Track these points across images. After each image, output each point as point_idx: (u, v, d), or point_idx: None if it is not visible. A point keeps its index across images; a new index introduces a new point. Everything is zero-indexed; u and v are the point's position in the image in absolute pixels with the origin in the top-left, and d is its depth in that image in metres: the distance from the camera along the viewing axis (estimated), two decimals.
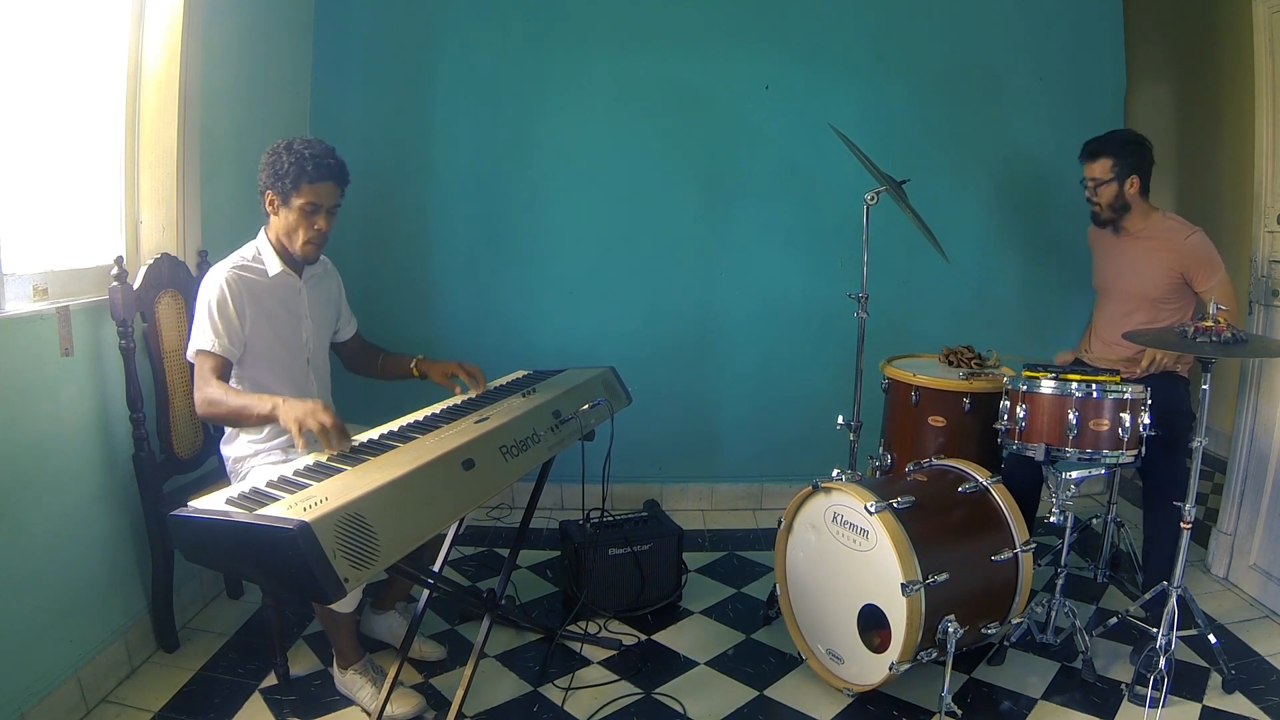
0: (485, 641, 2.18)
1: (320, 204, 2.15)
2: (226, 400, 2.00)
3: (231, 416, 2.03)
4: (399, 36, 3.42)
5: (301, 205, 2.13)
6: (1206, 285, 2.54)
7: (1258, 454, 2.84)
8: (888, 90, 3.50)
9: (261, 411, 1.94)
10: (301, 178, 2.10)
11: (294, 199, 2.12)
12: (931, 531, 2.17)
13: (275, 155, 2.12)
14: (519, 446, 1.94)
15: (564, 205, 3.50)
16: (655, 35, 3.43)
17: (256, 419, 1.97)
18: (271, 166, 2.12)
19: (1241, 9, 2.93)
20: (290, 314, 2.25)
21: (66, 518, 2.12)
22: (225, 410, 2.00)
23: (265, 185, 2.14)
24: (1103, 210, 2.68)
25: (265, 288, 2.17)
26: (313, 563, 1.34)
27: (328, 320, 2.41)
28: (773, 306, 3.57)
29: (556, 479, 2.48)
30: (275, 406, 1.91)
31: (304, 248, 2.19)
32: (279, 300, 2.21)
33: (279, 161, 2.10)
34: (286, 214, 2.15)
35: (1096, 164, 2.66)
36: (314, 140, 2.16)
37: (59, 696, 2.05)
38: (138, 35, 2.45)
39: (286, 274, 2.22)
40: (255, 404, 1.96)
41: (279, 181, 2.11)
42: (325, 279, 2.39)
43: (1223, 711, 2.21)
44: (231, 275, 2.11)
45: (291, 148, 2.11)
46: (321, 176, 2.12)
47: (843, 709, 2.25)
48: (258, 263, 2.19)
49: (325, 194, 2.15)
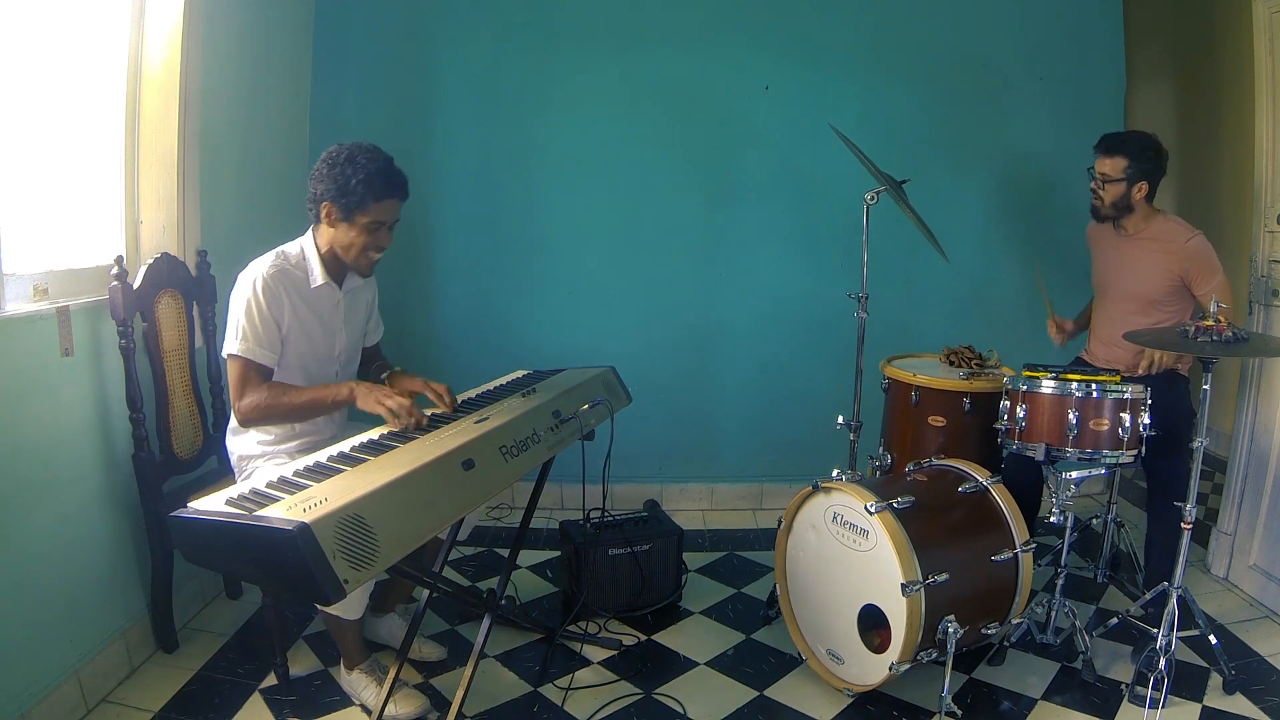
0: (485, 641, 2.18)
1: (386, 221, 2.11)
2: (285, 399, 2.02)
3: (298, 412, 2.06)
4: (399, 36, 3.42)
5: (367, 223, 2.07)
6: (1205, 288, 2.54)
7: (1258, 454, 2.84)
8: (888, 90, 3.50)
9: (338, 398, 2.04)
10: (369, 197, 2.04)
11: (359, 216, 2.06)
12: (931, 531, 2.17)
13: (338, 168, 2.03)
14: (519, 446, 1.94)
15: (564, 205, 3.50)
16: (655, 35, 3.43)
17: (332, 405, 2.06)
18: (335, 180, 2.03)
19: (1241, 9, 2.93)
20: (325, 326, 2.19)
21: (66, 518, 2.12)
22: (285, 409, 2.03)
23: (324, 196, 2.06)
24: (1104, 206, 2.67)
25: (303, 295, 2.11)
26: (312, 564, 1.33)
27: (360, 331, 2.36)
28: (773, 306, 3.57)
29: (556, 479, 2.48)
30: (353, 390, 2.03)
31: (361, 261, 2.14)
32: (315, 311, 2.15)
33: (344, 176, 2.02)
34: (347, 229, 2.08)
35: (1111, 161, 2.62)
36: (374, 150, 2.07)
37: (59, 696, 2.05)
38: (138, 35, 2.45)
39: (329, 287, 2.16)
40: (327, 392, 2.05)
41: (344, 197, 2.04)
42: (364, 290, 2.33)
43: (1223, 712, 2.21)
44: (272, 276, 2.04)
45: (355, 161, 2.02)
46: (391, 193, 2.08)
47: (843, 709, 2.25)
48: (300, 269, 2.12)
49: (391, 210, 2.11)
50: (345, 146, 2.06)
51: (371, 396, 1.99)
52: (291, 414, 2.06)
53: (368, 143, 2.09)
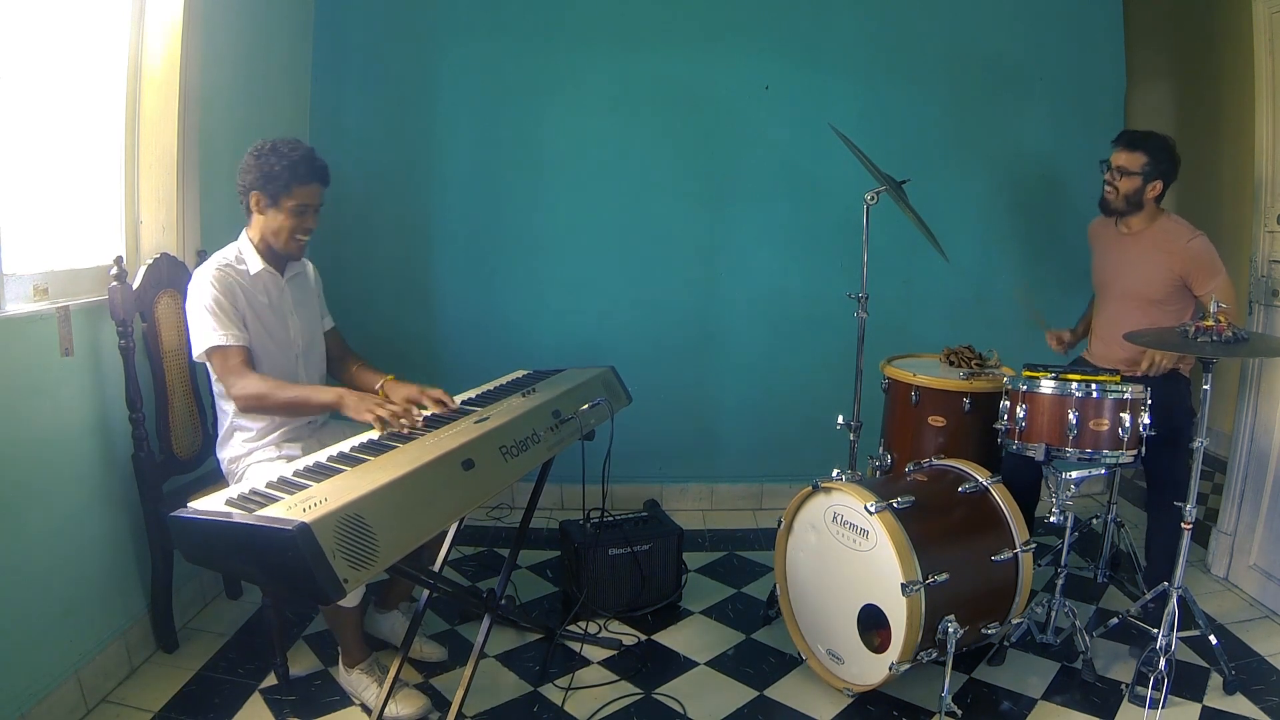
0: (485, 641, 2.18)
1: (310, 204, 2.22)
2: (277, 393, 2.06)
3: (287, 407, 2.11)
4: (399, 36, 3.42)
5: (292, 206, 2.18)
6: (1205, 289, 2.53)
7: (1258, 454, 2.84)
8: (888, 90, 3.50)
9: (325, 401, 2.06)
10: (294, 180, 2.16)
11: (285, 200, 2.17)
12: (931, 531, 2.17)
13: (262, 157, 2.14)
14: (519, 446, 1.94)
15: (564, 205, 3.50)
16: (656, 35, 3.43)
17: (317, 408, 2.10)
18: (259, 168, 2.14)
19: (1241, 9, 2.93)
20: (276, 311, 2.27)
21: (66, 518, 2.12)
22: (276, 402, 2.07)
23: (250, 186, 2.17)
24: (1116, 199, 2.65)
25: (250, 287, 2.20)
26: (312, 563, 1.33)
27: (313, 315, 2.42)
28: (773, 306, 3.57)
29: (556, 479, 2.48)
30: (342, 397, 2.03)
31: (291, 244, 2.23)
32: (264, 299, 2.24)
33: (268, 164, 2.13)
34: (275, 214, 2.19)
35: (1130, 155, 2.61)
36: (294, 141, 2.19)
37: (59, 696, 2.05)
38: (138, 36, 2.45)
39: (269, 272, 2.25)
40: (315, 394, 2.09)
41: (269, 183, 2.15)
42: (304, 276, 2.42)
43: (1223, 712, 2.21)
44: (219, 272, 2.14)
45: (278, 150, 2.14)
46: (312, 178, 2.20)
47: (843, 709, 2.25)
48: (240, 263, 2.22)
49: (314, 194, 2.23)
50: (269, 140, 2.18)
51: (362, 405, 1.99)
52: (281, 408, 2.13)
53: (290, 137, 2.22)
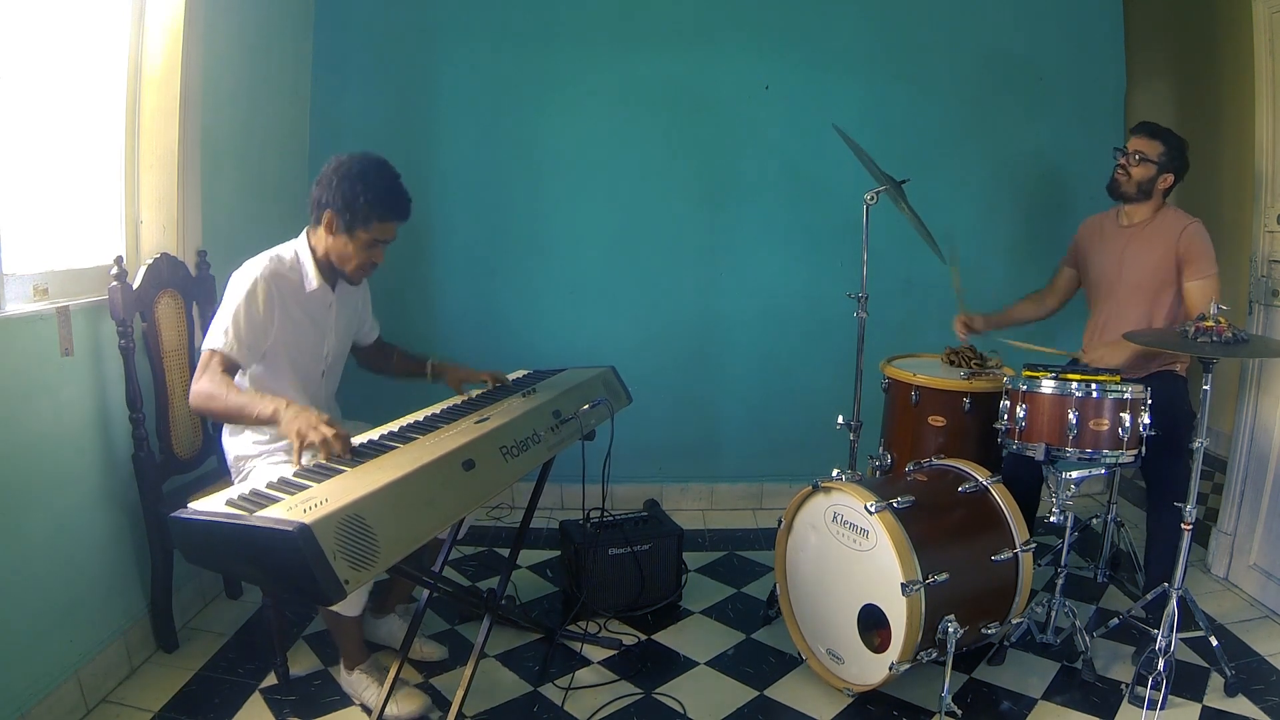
0: (485, 641, 2.18)
1: (384, 240, 2.15)
2: (224, 396, 1.92)
3: (227, 413, 1.97)
4: (399, 36, 3.42)
5: (366, 240, 2.11)
6: (1193, 278, 2.53)
7: (1258, 454, 2.84)
8: (888, 90, 3.50)
9: (262, 413, 1.88)
10: (373, 217, 2.08)
11: (360, 233, 2.09)
12: (931, 531, 2.17)
13: (348, 181, 2.04)
14: (519, 447, 1.93)
15: (565, 205, 3.50)
16: (656, 35, 3.43)
17: (254, 420, 1.92)
18: (343, 193, 2.05)
19: (1241, 9, 2.93)
20: (316, 327, 2.22)
21: (66, 518, 2.12)
22: (220, 406, 1.93)
23: (328, 204, 2.07)
24: (1127, 183, 2.65)
25: (297, 298, 2.14)
26: (313, 564, 1.33)
27: (351, 332, 2.39)
28: (773, 306, 3.57)
29: (556, 479, 2.48)
30: (277, 411, 1.86)
31: (356, 273, 2.18)
32: (308, 312, 2.18)
33: (352, 191, 2.04)
34: (346, 240, 2.11)
35: (1150, 143, 2.62)
36: (384, 167, 2.10)
37: (59, 696, 2.05)
38: (138, 35, 2.45)
39: (323, 289, 2.19)
40: (256, 404, 1.90)
41: (348, 211, 2.06)
42: (355, 292, 2.34)
43: (1223, 712, 2.21)
44: (267, 279, 2.05)
45: (366, 178, 2.04)
46: (393, 217, 2.11)
47: (843, 709, 2.25)
48: (294, 272, 2.14)
49: (391, 231, 2.15)
50: (357, 159, 2.08)
51: (294, 424, 1.80)
52: (223, 414, 1.99)
53: (378, 157, 2.11)
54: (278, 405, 1.88)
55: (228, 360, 2.00)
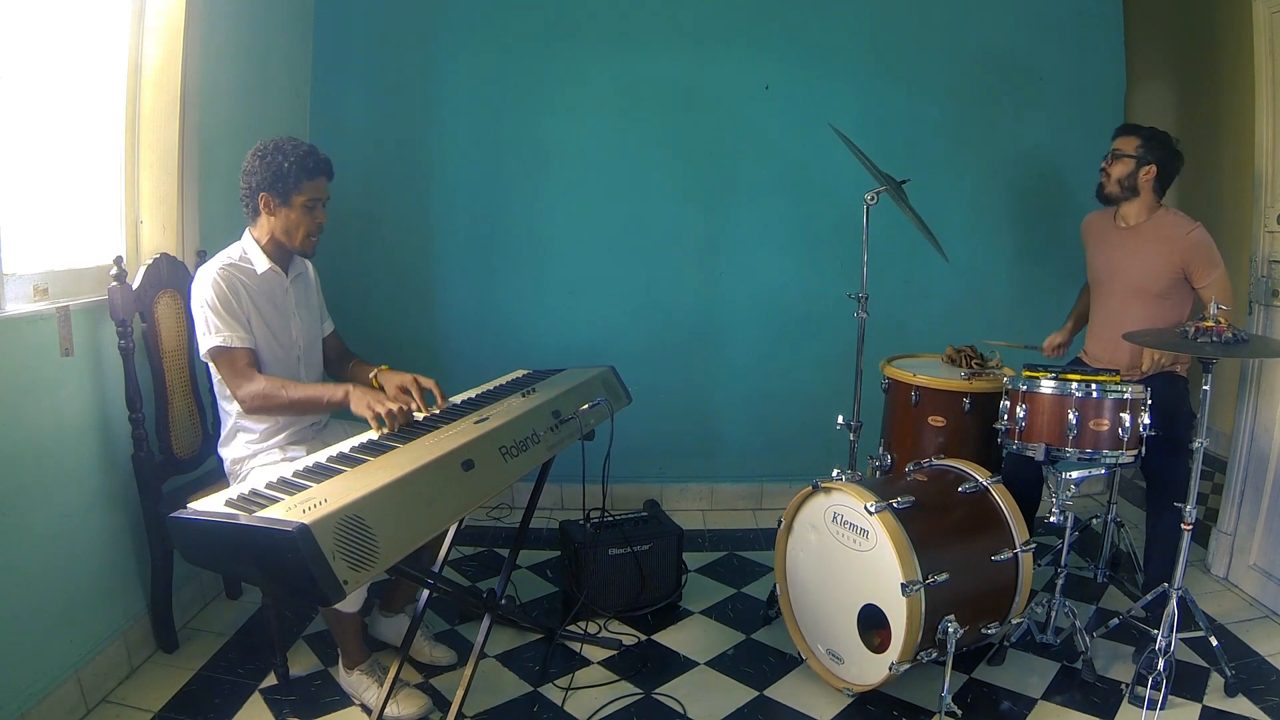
0: (485, 641, 2.18)
1: (319, 198, 2.23)
2: (285, 393, 2.09)
3: (295, 406, 2.13)
4: (399, 36, 3.41)
5: (304, 202, 2.19)
6: (1205, 281, 2.54)
7: (1258, 454, 2.83)
8: (888, 90, 3.50)
9: (334, 399, 2.07)
10: (303, 176, 2.17)
11: (295, 197, 2.18)
12: (931, 531, 2.17)
13: (268, 157, 2.15)
14: (519, 447, 1.94)
15: (564, 205, 3.50)
16: (656, 35, 3.43)
17: (326, 406, 2.10)
18: (267, 168, 2.15)
19: (1241, 9, 2.93)
20: (280, 312, 2.27)
21: (66, 518, 2.12)
22: (285, 401, 2.09)
23: (258, 187, 2.17)
24: (1108, 183, 2.66)
25: (255, 287, 2.20)
26: (312, 565, 1.33)
27: (314, 317, 2.43)
28: (773, 306, 3.57)
29: (556, 479, 2.48)
30: (349, 393, 2.05)
31: (307, 241, 2.25)
32: (268, 298, 2.24)
33: (276, 163, 2.14)
34: (288, 213, 2.20)
35: (1125, 138, 2.65)
36: (295, 139, 2.21)
37: (59, 696, 2.05)
38: (138, 35, 2.45)
39: (274, 272, 2.25)
40: (325, 392, 2.09)
41: (278, 182, 2.15)
42: (305, 277, 2.42)
43: (1223, 712, 2.21)
44: (224, 271, 2.14)
45: (282, 148, 2.15)
46: (319, 172, 2.21)
47: (843, 709, 2.25)
48: (245, 262, 2.22)
49: (322, 188, 2.24)
50: (269, 140, 2.19)
51: (364, 401, 2.01)
52: (290, 408, 2.14)
53: (289, 136, 2.23)
54: (347, 388, 2.07)
55: (245, 352, 2.12)
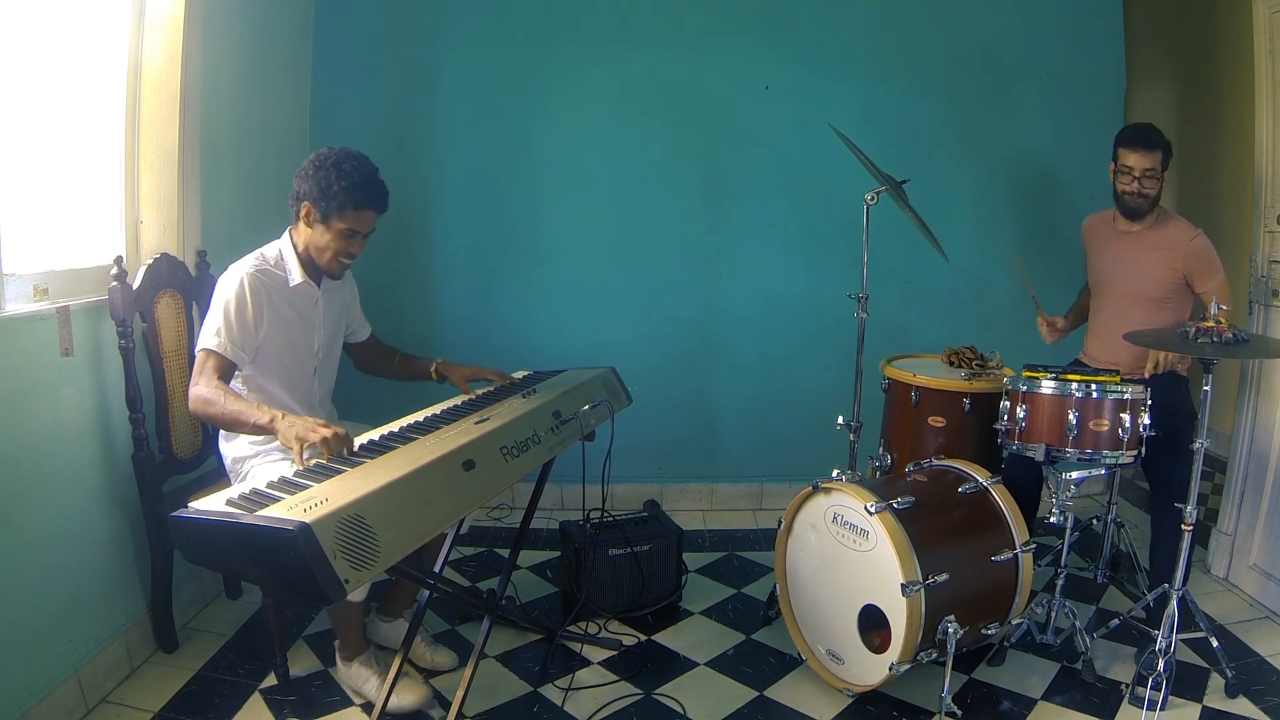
0: (485, 642, 2.18)
1: (360, 230, 2.15)
2: (222, 402, 1.93)
3: (224, 420, 1.96)
4: (399, 36, 3.41)
5: (342, 229, 2.11)
6: (1206, 286, 2.55)
7: (1258, 454, 2.84)
8: (888, 90, 3.50)
9: (259, 422, 1.88)
10: (348, 204, 2.08)
11: (335, 221, 2.10)
12: (931, 532, 2.17)
13: (323, 171, 2.06)
14: (519, 447, 1.94)
15: (564, 205, 3.50)
16: (655, 35, 3.43)
17: (251, 428, 1.91)
18: (318, 181, 2.06)
19: (1241, 9, 2.93)
20: (304, 323, 2.23)
21: (66, 518, 2.11)
22: (219, 412, 1.93)
23: (305, 195, 2.09)
24: (1147, 202, 2.61)
25: (283, 295, 2.15)
26: (313, 564, 1.33)
27: (340, 329, 2.40)
28: (773, 306, 3.57)
29: (556, 479, 2.48)
30: (274, 420, 1.85)
31: (333, 265, 2.18)
32: (295, 308, 2.19)
33: (327, 179, 2.05)
34: (323, 231, 2.12)
35: (1152, 155, 2.58)
36: (361, 159, 2.11)
37: (59, 696, 2.04)
38: (138, 35, 2.44)
39: (307, 284, 2.20)
40: (253, 413, 1.89)
41: (324, 200, 2.07)
42: (341, 287, 2.36)
43: (1224, 712, 2.21)
44: (253, 277, 2.08)
45: (341, 167, 2.06)
46: (369, 205, 2.11)
47: (843, 709, 2.25)
48: (279, 269, 2.16)
49: (367, 221, 2.15)
50: (335, 151, 2.10)
51: (293, 431, 1.80)
52: (221, 419, 1.97)
53: (357, 151, 2.13)
54: (274, 414, 1.87)
55: (223, 361, 2.02)
